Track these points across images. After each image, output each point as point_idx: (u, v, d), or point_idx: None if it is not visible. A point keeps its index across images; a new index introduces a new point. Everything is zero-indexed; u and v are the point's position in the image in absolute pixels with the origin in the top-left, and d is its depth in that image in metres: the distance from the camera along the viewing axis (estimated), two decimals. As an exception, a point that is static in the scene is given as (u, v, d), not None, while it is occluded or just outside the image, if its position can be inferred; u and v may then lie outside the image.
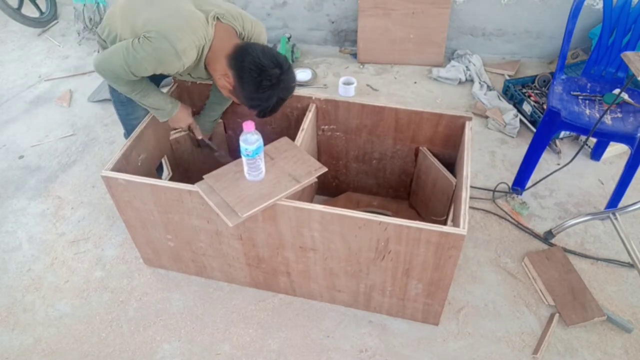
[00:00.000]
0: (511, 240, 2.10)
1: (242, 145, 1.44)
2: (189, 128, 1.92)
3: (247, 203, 1.48)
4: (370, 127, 1.92)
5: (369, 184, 2.19)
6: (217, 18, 1.55)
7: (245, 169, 1.52)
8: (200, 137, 1.93)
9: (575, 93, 2.08)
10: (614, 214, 1.94)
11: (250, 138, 1.43)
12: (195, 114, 1.93)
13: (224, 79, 1.54)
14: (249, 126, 1.43)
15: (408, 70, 3.12)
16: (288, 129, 2.00)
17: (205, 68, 1.62)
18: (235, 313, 1.87)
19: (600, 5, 2.79)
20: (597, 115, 1.97)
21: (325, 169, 1.62)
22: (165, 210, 1.66)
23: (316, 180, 1.62)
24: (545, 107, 2.51)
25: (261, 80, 1.46)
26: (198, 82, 1.93)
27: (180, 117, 1.81)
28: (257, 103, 1.52)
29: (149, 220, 1.74)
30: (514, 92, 2.73)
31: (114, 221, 2.20)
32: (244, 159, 1.49)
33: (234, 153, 1.69)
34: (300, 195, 1.88)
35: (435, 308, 1.72)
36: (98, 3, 3.39)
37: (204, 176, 1.55)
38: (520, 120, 2.63)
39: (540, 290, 1.90)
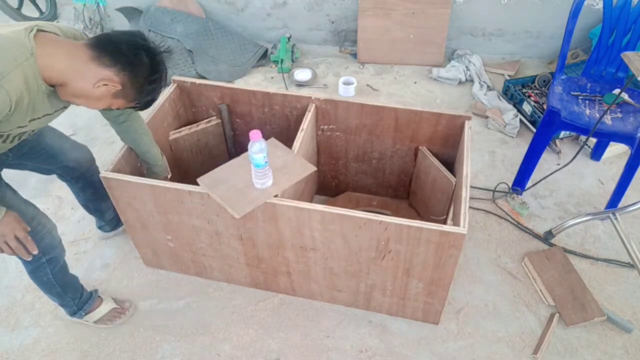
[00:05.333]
0: (511, 240, 2.10)
1: (257, 155, 1.41)
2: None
3: (248, 201, 1.49)
4: (370, 127, 1.93)
5: (369, 183, 2.19)
6: (37, 29, 1.22)
7: (257, 177, 1.49)
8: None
9: (575, 93, 2.08)
10: (614, 214, 1.94)
11: (261, 146, 1.41)
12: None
13: (103, 85, 1.25)
14: (256, 135, 1.40)
15: (408, 70, 3.12)
16: (287, 129, 2.00)
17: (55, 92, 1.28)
18: (235, 313, 1.87)
19: (600, 5, 2.78)
20: (597, 115, 1.97)
21: (314, 169, 1.62)
22: (165, 210, 1.66)
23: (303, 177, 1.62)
24: (545, 107, 2.51)
25: (151, 60, 1.28)
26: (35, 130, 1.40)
27: (7, 221, 1.32)
28: (149, 95, 1.35)
29: (149, 221, 1.74)
30: (514, 92, 2.73)
31: (114, 221, 2.21)
32: (255, 168, 1.46)
33: (233, 154, 1.69)
34: (300, 196, 1.88)
35: (435, 307, 1.72)
36: (98, 3, 3.40)
37: (198, 179, 1.55)
38: (520, 120, 2.63)
39: (540, 290, 1.90)
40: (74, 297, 1.74)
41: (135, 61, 1.26)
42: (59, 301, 1.73)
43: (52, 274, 1.60)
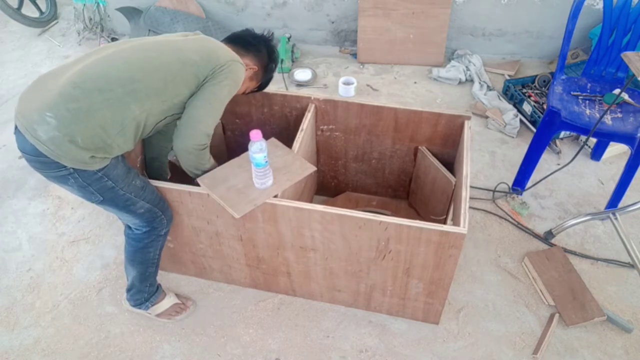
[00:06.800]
0: (511, 240, 2.10)
1: (257, 155, 1.42)
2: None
3: (248, 201, 1.49)
4: (370, 127, 1.92)
5: (368, 183, 2.19)
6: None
7: (257, 177, 1.50)
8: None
9: (575, 93, 2.08)
10: (614, 214, 1.94)
11: (261, 145, 1.42)
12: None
13: (248, 69, 1.61)
14: (256, 135, 1.41)
15: (408, 70, 3.12)
16: (287, 129, 2.00)
17: None
18: (235, 313, 1.87)
19: (600, 5, 2.79)
20: (597, 115, 1.97)
21: (314, 169, 1.63)
22: (165, 210, 1.66)
23: (304, 177, 1.62)
24: (545, 107, 2.51)
25: (268, 45, 1.65)
26: None
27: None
28: (271, 73, 1.70)
29: (149, 220, 1.73)
30: (514, 92, 2.73)
31: (113, 221, 2.20)
32: (255, 168, 1.47)
33: (232, 154, 1.69)
34: (299, 196, 1.88)
35: (435, 307, 1.72)
36: (98, 3, 3.40)
37: (198, 179, 1.55)
38: (520, 120, 2.63)
39: (540, 290, 1.90)
40: (152, 284, 1.76)
41: (261, 47, 1.63)
42: (138, 286, 1.73)
43: (159, 250, 1.66)
